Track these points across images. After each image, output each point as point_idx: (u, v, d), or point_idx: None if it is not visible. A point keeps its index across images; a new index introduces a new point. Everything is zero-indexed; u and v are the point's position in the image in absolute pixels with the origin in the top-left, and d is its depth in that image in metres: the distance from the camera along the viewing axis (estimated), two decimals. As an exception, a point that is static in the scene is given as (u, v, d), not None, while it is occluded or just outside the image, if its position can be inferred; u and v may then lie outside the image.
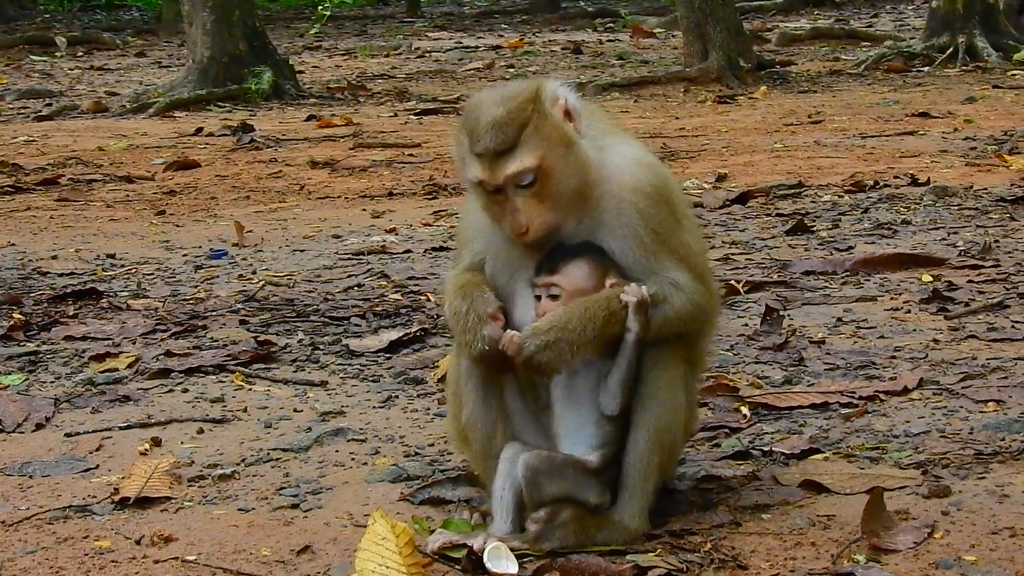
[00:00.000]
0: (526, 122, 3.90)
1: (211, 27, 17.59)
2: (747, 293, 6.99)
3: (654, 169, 4.07)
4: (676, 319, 3.98)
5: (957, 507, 4.14)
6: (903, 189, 9.78)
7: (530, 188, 3.90)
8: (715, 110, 15.39)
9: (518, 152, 3.88)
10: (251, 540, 4.14)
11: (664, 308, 3.95)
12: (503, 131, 3.89)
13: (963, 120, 13.46)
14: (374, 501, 4.40)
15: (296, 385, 5.78)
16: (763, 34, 24.53)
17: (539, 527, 3.91)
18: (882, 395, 5.28)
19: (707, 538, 3.99)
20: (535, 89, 3.96)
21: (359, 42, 27.41)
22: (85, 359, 6.23)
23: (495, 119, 3.89)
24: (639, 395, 3.96)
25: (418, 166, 11.96)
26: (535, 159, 3.88)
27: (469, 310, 3.96)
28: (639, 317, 3.91)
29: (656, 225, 3.98)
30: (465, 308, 3.97)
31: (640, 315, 3.91)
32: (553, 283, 3.97)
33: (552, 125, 3.92)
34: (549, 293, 3.97)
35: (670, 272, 3.98)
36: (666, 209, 4.01)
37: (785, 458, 4.62)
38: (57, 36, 27.55)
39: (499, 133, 3.89)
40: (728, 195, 9.75)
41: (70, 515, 4.39)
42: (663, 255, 3.99)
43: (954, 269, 7.31)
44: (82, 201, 10.72)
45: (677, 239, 4.03)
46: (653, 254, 3.98)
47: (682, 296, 3.98)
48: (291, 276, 7.89)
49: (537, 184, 3.90)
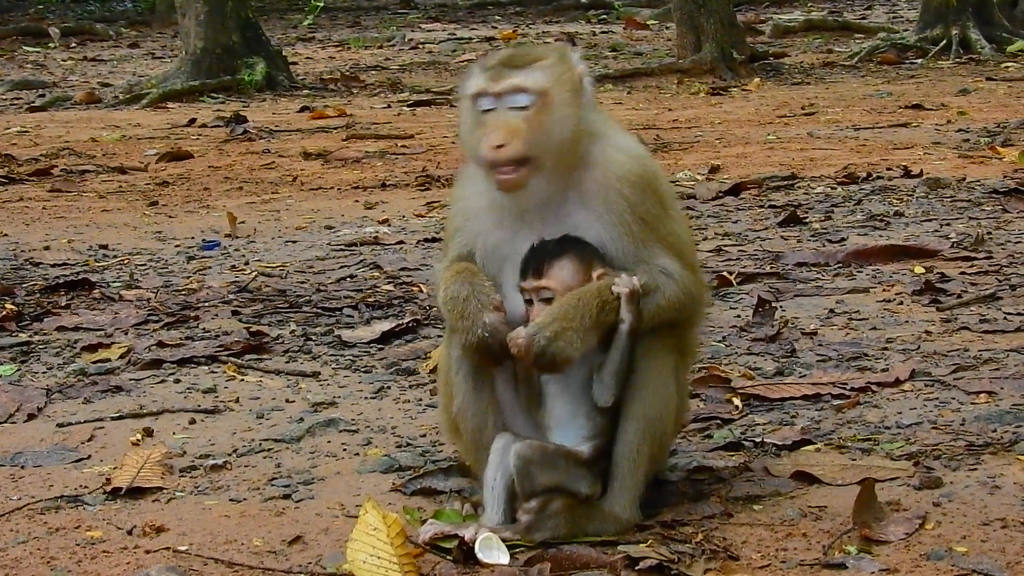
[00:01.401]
0: (544, 57, 3.99)
1: (204, 18, 17.56)
2: (739, 284, 6.99)
3: (642, 160, 4.08)
4: (668, 307, 3.98)
5: (948, 498, 4.15)
6: (896, 181, 9.78)
7: (523, 111, 3.91)
8: (708, 102, 15.38)
9: (527, 71, 3.94)
10: (243, 530, 4.14)
11: (656, 296, 3.96)
12: (521, 54, 4.00)
13: (956, 112, 13.45)
14: (366, 491, 4.40)
15: (288, 376, 5.78)
16: (756, 26, 24.52)
17: (531, 517, 3.91)
18: (874, 386, 5.28)
19: (698, 529, 4.00)
20: (563, 46, 4.06)
21: (352, 33, 27.37)
22: (77, 349, 6.23)
23: (518, 47, 3.97)
24: (629, 385, 3.97)
25: (411, 157, 11.95)
26: (540, 84, 3.92)
27: (469, 297, 3.95)
28: (632, 307, 3.91)
29: (644, 213, 3.99)
30: (464, 294, 3.96)
31: (633, 305, 3.91)
32: (543, 287, 3.96)
33: (567, 76, 3.98)
34: (541, 297, 3.96)
35: (660, 260, 3.99)
36: (654, 198, 4.02)
37: (777, 449, 4.63)
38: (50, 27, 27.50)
39: (516, 54, 4.00)
40: (721, 187, 9.74)
41: (62, 505, 4.39)
42: (652, 243, 3.99)
43: (946, 261, 7.31)
44: (75, 192, 10.70)
45: (666, 228, 4.04)
46: (642, 242, 3.98)
47: (673, 284, 3.98)
48: (284, 267, 7.88)
49: (531, 110, 3.91)
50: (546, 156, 3.94)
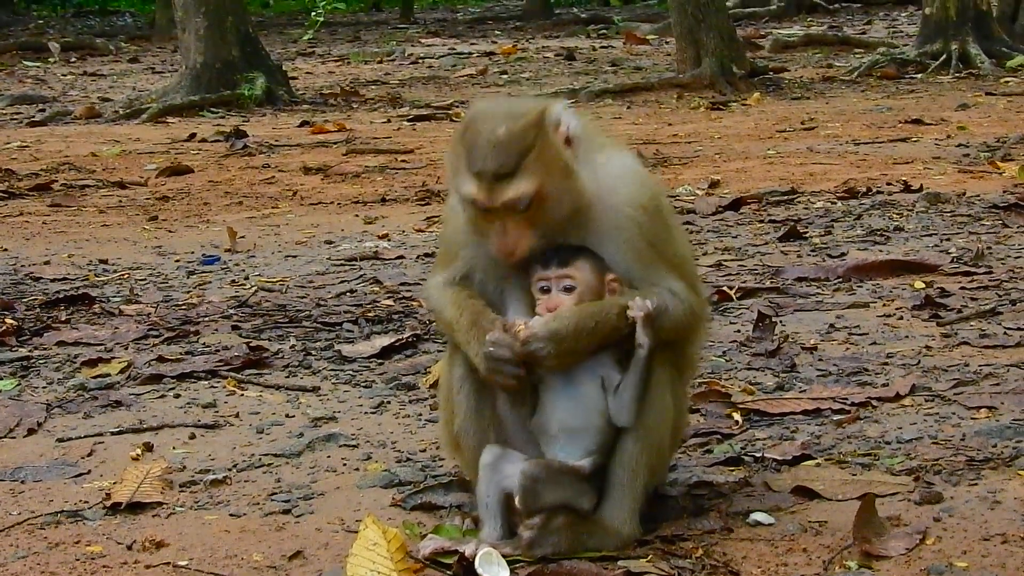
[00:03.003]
0: (528, 148, 3.84)
1: (204, 33, 17.59)
2: (740, 299, 6.99)
3: (645, 181, 4.07)
4: (672, 328, 3.99)
5: (949, 513, 4.15)
6: (896, 195, 9.79)
7: (524, 213, 3.88)
8: (708, 116, 15.39)
9: (517, 178, 3.83)
10: (243, 546, 4.14)
11: (662, 318, 3.96)
12: (504, 154, 3.82)
13: (956, 127, 13.47)
14: (366, 507, 4.40)
15: (288, 391, 5.78)
16: (756, 41, 24.56)
17: (533, 533, 3.91)
18: (874, 401, 5.28)
19: (699, 544, 4.00)
20: (540, 113, 3.90)
21: (352, 48, 27.43)
22: (77, 364, 6.23)
23: (497, 140, 3.83)
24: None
25: (411, 172, 11.96)
26: (533, 187, 3.84)
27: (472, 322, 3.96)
28: (648, 331, 3.91)
29: (651, 237, 3.99)
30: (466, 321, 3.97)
31: (649, 328, 3.91)
32: (567, 275, 3.96)
33: (553, 152, 3.88)
34: (562, 286, 3.96)
35: (666, 281, 3.99)
36: (659, 220, 4.02)
37: (777, 464, 4.63)
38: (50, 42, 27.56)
39: (500, 156, 3.82)
40: (721, 201, 9.75)
41: (62, 520, 4.39)
42: (659, 265, 4.00)
43: (947, 276, 7.32)
44: (75, 207, 10.71)
45: (671, 249, 4.05)
46: (649, 265, 3.99)
47: (680, 304, 3.99)
48: (283, 282, 7.88)
49: (531, 209, 3.87)
50: (557, 232, 3.95)
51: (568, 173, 3.90)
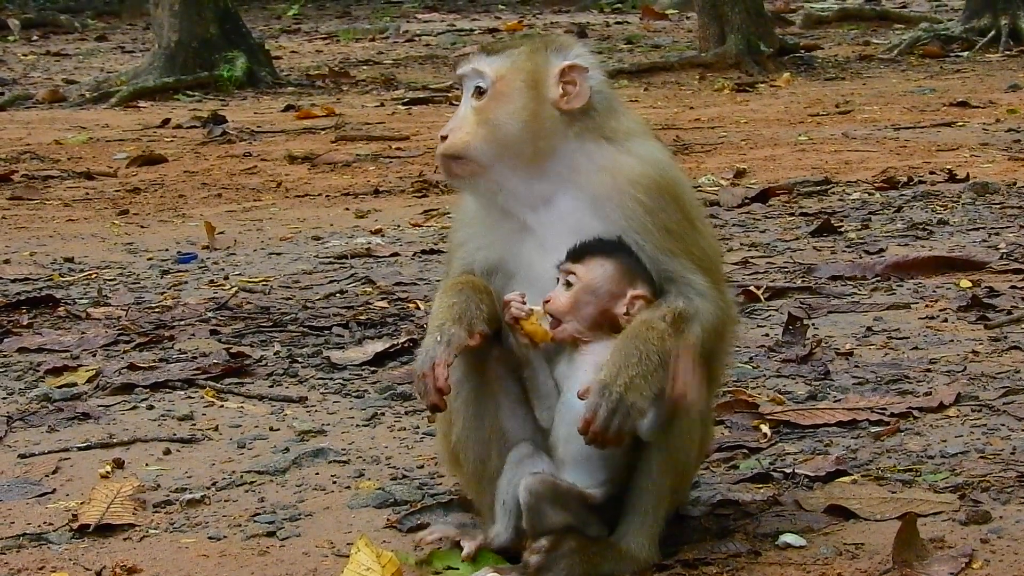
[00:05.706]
0: (513, 48, 4.16)
1: (179, 8, 17.62)
2: (768, 300, 7.01)
3: (660, 165, 4.10)
4: (706, 332, 3.99)
5: (997, 534, 4.16)
6: (939, 186, 9.81)
7: (479, 99, 4.08)
8: (733, 99, 15.42)
9: (488, 57, 4.14)
10: (223, 571, 4.16)
11: (694, 324, 3.95)
12: (496, 42, 4.25)
13: (1006, 110, 13.48)
14: (358, 528, 4.41)
15: (272, 401, 5.79)
16: (786, 15, 24.60)
17: (540, 558, 3.91)
18: (916, 412, 5.29)
19: (723, 569, 4.01)
20: (544, 41, 4.21)
21: (342, 25, 27.46)
22: (41, 373, 6.24)
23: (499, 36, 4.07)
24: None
25: (407, 161, 11.98)
26: (493, 71, 4.10)
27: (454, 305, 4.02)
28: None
29: (667, 223, 4.01)
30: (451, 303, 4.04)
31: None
32: (571, 271, 4.00)
33: (536, 65, 4.11)
34: (565, 280, 4.00)
35: (690, 277, 4.00)
36: (675, 207, 4.04)
37: (809, 481, 4.63)
38: (9, 18, 27.59)
39: (492, 42, 4.28)
40: (747, 192, 9.77)
41: (24, 544, 4.40)
42: (680, 257, 4.01)
43: (995, 274, 7.33)
44: (37, 200, 10.74)
45: (694, 242, 4.06)
46: (670, 254, 4.00)
47: (710, 306, 4.01)
48: (267, 282, 7.90)
49: (485, 98, 4.08)
50: (504, 153, 4.04)
51: (535, 96, 4.09)
